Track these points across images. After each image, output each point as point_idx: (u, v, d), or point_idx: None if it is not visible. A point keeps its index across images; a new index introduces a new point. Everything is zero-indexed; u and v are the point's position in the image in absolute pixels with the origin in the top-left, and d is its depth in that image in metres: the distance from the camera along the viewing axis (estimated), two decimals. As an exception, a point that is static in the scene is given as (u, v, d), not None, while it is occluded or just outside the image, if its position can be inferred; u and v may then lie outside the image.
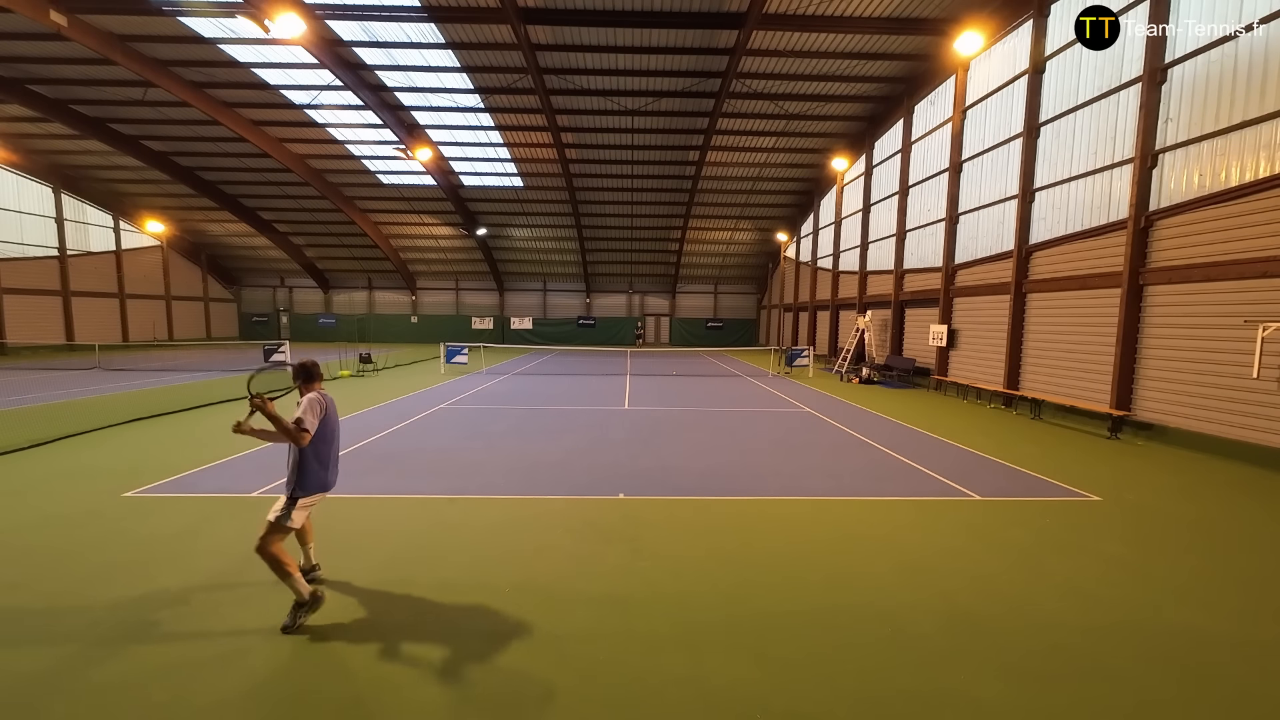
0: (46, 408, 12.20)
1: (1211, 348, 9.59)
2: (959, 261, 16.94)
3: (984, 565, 5.02)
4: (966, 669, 3.52)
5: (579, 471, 7.87)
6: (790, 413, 13.06)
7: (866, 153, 23.39)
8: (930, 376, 18.03)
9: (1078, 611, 4.24)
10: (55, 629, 3.84)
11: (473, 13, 16.73)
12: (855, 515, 6.28)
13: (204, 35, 18.42)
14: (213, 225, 35.23)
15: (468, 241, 35.40)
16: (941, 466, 8.35)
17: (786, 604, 4.30)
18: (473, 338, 38.37)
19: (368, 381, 17.80)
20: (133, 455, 8.32)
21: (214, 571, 4.69)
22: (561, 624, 3.98)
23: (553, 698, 3.23)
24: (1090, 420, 11.82)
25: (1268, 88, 8.79)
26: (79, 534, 5.45)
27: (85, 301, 30.26)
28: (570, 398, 14.78)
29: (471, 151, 26.87)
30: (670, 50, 18.77)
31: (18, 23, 17.13)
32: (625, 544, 5.36)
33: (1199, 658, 3.69)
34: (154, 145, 27.07)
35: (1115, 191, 11.51)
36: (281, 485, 6.96)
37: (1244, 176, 9.11)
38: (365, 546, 5.23)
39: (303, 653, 3.61)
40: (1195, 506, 6.83)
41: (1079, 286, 12.34)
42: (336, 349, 25.60)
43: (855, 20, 16.51)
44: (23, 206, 27.63)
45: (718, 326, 41.06)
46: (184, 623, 3.92)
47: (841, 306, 25.87)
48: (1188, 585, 4.73)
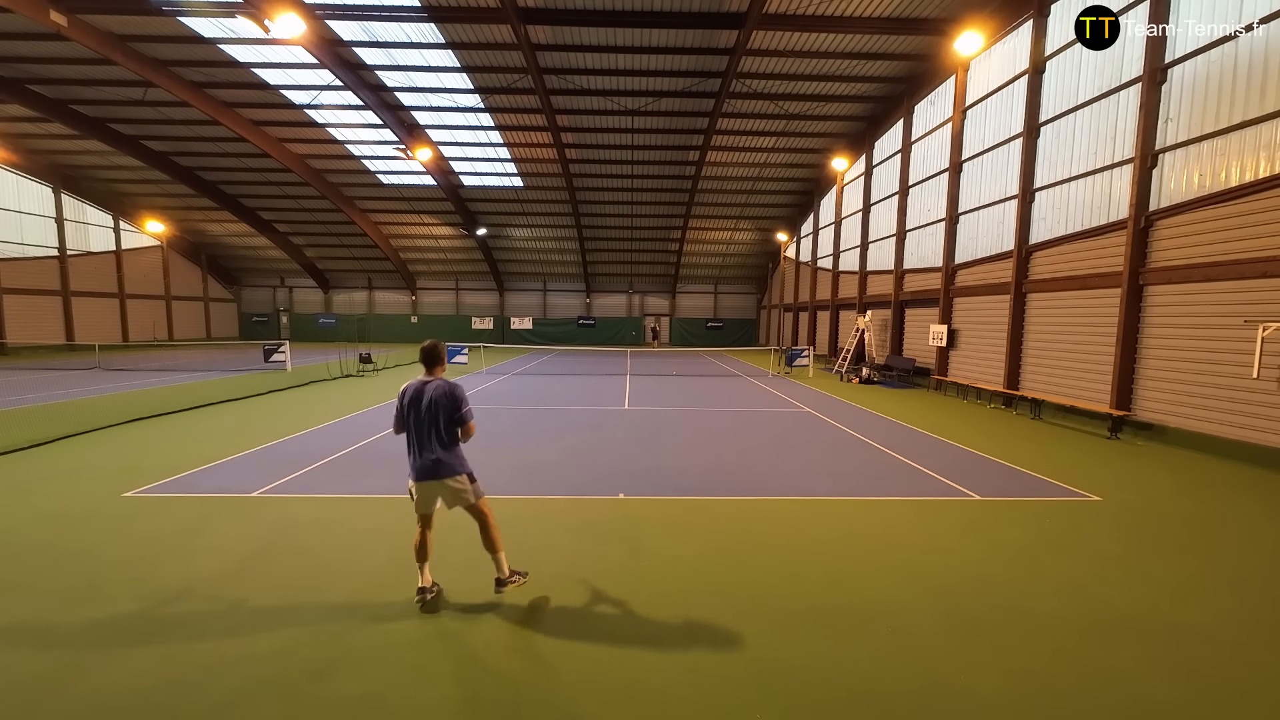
0: (46, 408, 12.20)
1: (1211, 348, 9.59)
2: (959, 261, 16.94)
3: (983, 565, 5.02)
4: (966, 668, 3.52)
5: (579, 471, 7.87)
6: (790, 413, 13.06)
7: (866, 153, 23.38)
8: (930, 376, 18.03)
9: (1077, 611, 4.24)
10: (55, 629, 3.84)
11: (473, 13, 16.73)
12: (855, 515, 6.28)
13: (204, 35, 18.43)
14: (213, 225, 35.23)
15: (468, 241, 35.41)
16: (941, 466, 8.35)
17: (786, 603, 4.30)
18: (473, 338, 38.36)
19: (368, 381, 17.80)
20: (133, 455, 8.32)
21: (214, 571, 4.69)
22: (561, 624, 3.98)
23: (552, 698, 3.23)
24: (1090, 420, 11.82)
25: (1268, 88, 8.79)
26: (79, 534, 5.44)
27: (85, 301, 30.26)
28: (570, 398, 14.79)
29: (471, 151, 26.88)
30: (670, 50, 18.78)
31: (18, 23, 17.14)
32: (625, 544, 5.36)
33: (1198, 657, 3.69)
34: (154, 145, 27.07)
35: (1115, 191, 11.50)
36: (282, 484, 7.01)
37: (1244, 176, 9.11)
38: (365, 546, 5.23)
39: (302, 653, 3.61)
40: (1195, 506, 6.83)
41: (1079, 286, 12.34)
42: (336, 349, 25.59)
43: (855, 20, 16.51)
44: (23, 206, 27.62)
45: (718, 326, 41.06)
46: (184, 623, 3.92)
47: (841, 306, 25.87)
48: (1187, 585, 4.73)
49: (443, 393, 4.08)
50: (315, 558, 4.97)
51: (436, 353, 4.26)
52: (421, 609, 4.08)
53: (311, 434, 9.94)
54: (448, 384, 4.15)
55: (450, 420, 4.10)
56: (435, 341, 4.32)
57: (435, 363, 4.26)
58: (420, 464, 4.06)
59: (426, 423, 4.04)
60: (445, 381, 4.17)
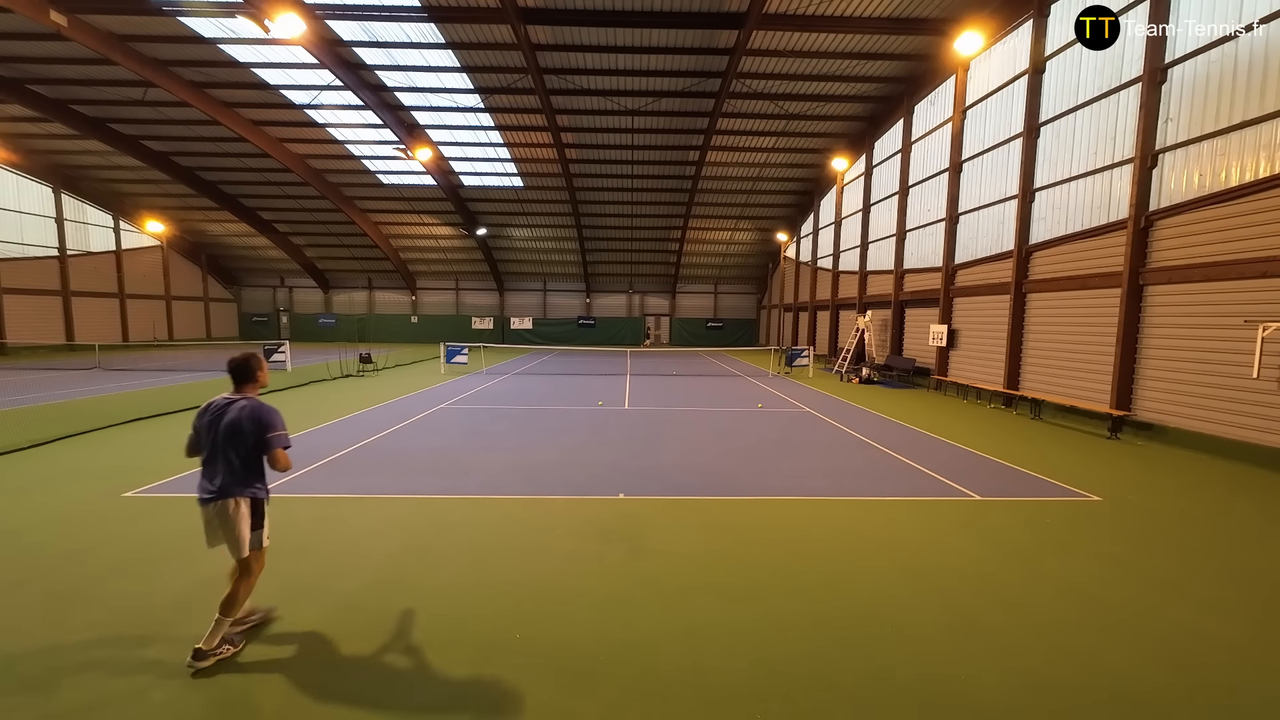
0: (46, 408, 12.20)
1: (1211, 348, 9.59)
2: (959, 261, 16.94)
3: (983, 565, 5.02)
4: (965, 668, 3.52)
5: (579, 471, 7.87)
6: (790, 412, 13.06)
7: (866, 153, 23.38)
8: (930, 376, 18.03)
9: (1077, 611, 4.24)
10: (55, 629, 3.84)
11: (473, 13, 16.73)
12: (855, 515, 6.28)
13: (204, 35, 18.42)
14: (213, 225, 35.23)
15: (468, 241, 35.41)
16: (941, 466, 8.35)
17: (786, 603, 4.30)
18: (473, 338, 38.37)
19: (368, 381, 17.80)
20: (133, 455, 8.32)
21: (215, 571, 4.67)
22: (561, 624, 3.98)
23: (552, 698, 3.23)
24: (1090, 420, 11.82)
25: (1268, 88, 8.79)
26: (80, 534, 5.45)
27: (85, 301, 30.25)
28: (570, 398, 14.79)
29: (471, 151, 26.87)
30: (670, 50, 18.77)
31: (18, 23, 17.13)
32: (625, 544, 5.36)
33: (1197, 657, 3.69)
34: (154, 145, 27.07)
35: (1115, 191, 11.50)
36: (283, 484, 7.01)
37: (1244, 176, 9.11)
38: (365, 546, 5.23)
39: (300, 653, 3.61)
40: (1195, 506, 6.83)
41: (1079, 286, 12.34)
42: (336, 349, 25.60)
43: (855, 20, 16.51)
44: (23, 206, 27.62)
45: (718, 326, 41.06)
46: (185, 623, 3.91)
47: (841, 306, 25.87)
48: (1187, 585, 4.73)
49: (247, 414, 3.51)
50: (315, 557, 4.97)
51: (249, 367, 3.68)
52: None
53: (311, 434, 9.94)
54: (254, 403, 3.59)
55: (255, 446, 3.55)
56: (248, 353, 3.73)
57: (245, 379, 3.67)
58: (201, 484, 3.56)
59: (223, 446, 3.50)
60: (253, 401, 3.61)
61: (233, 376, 3.66)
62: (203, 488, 3.54)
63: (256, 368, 3.71)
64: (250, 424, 3.50)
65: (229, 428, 3.49)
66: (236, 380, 3.66)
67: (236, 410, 3.52)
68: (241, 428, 3.48)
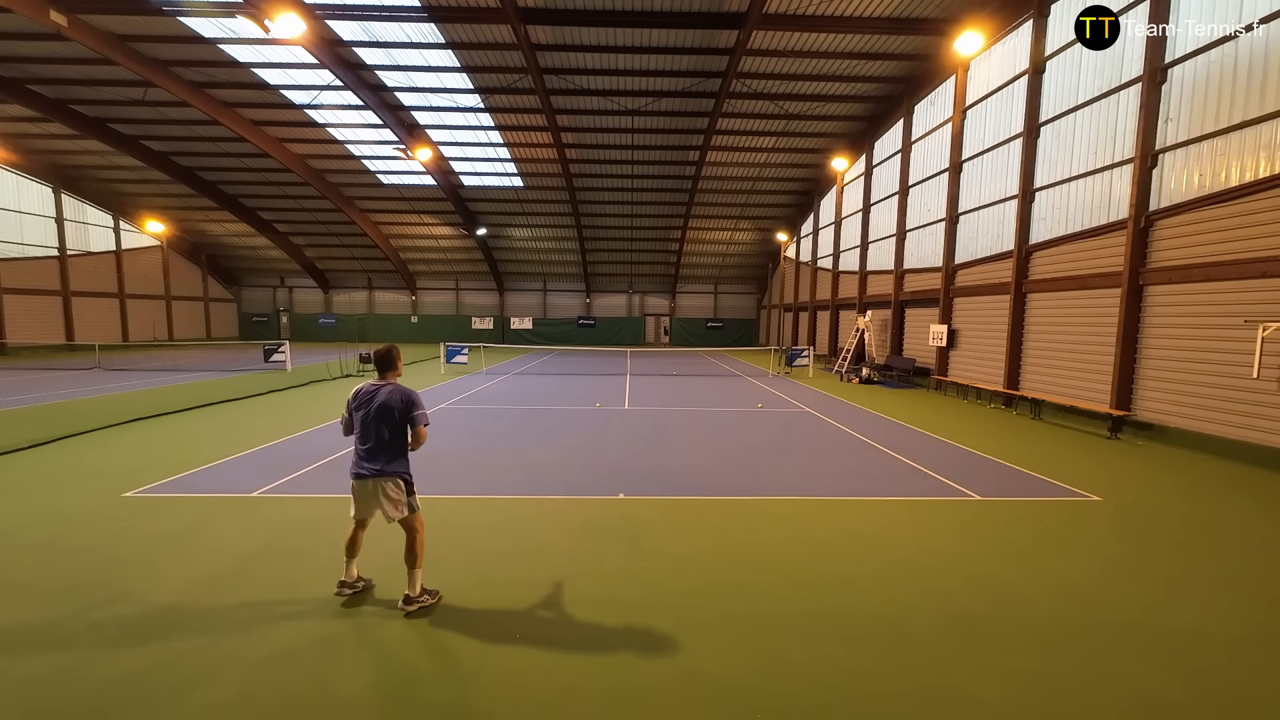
0: (46, 408, 12.20)
1: (1211, 348, 9.59)
2: (959, 261, 16.94)
3: (983, 565, 5.02)
4: (965, 668, 3.52)
5: (579, 471, 7.87)
6: (790, 413, 13.06)
7: (866, 153, 23.38)
8: (930, 376, 18.03)
9: (1076, 611, 4.25)
10: (56, 629, 3.84)
11: (473, 13, 16.73)
12: (854, 515, 6.29)
13: (204, 35, 18.42)
14: (213, 225, 35.22)
15: (468, 241, 35.41)
16: (941, 466, 8.35)
17: (786, 603, 4.30)
18: (473, 338, 38.36)
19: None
20: (133, 455, 8.32)
21: (215, 571, 4.69)
22: (561, 624, 3.98)
23: (552, 698, 3.23)
24: (1090, 420, 11.82)
25: (1268, 88, 8.79)
26: (79, 534, 5.44)
27: (85, 301, 30.25)
28: (570, 398, 14.79)
29: (471, 151, 26.87)
30: (670, 50, 18.77)
31: (18, 23, 17.13)
32: (625, 544, 5.36)
33: (1197, 657, 3.69)
34: (154, 145, 27.06)
35: (1115, 191, 11.50)
36: (282, 484, 7.01)
37: (1244, 176, 9.11)
38: (364, 546, 5.21)
39: (300, 653, 3.61)
40: (1195, 506, 6.83)
41: (1079, 286, 12.34)
42: (336, 349, 25.59)
43: (855, 20, 16.51)
44: (23, 206, 27.61)
45: (718, 326, 41.06)
46: (185, 623, 3.92)
47: (841, 306, 25.87)
48: (1186, 585, 4.73)
49: (396, 397, 4.06)
50: (315, 557, 4.97)
51: (390, 358, 4.23)
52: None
53: (312, 434, 9.95)
54: (399, 387, 4.13)
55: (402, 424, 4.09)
56: (390, 345, 4.29)
57: (389, 367, 4.22)
58: (353, 466, 4.11)
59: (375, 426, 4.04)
60: (398, 385, 4.15)
61: (377, 365, 4.23)
62: (361, 465, 4.05)
63: (397, 357, 4.28)
64: (400, 404, 4.04)
65: (381, 408, 4.03)
66: (381, 368, 4.22)
67: (386, 393, 4.07)
68: (391, 407, 4.03)
